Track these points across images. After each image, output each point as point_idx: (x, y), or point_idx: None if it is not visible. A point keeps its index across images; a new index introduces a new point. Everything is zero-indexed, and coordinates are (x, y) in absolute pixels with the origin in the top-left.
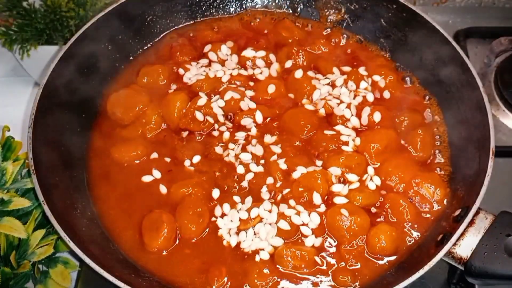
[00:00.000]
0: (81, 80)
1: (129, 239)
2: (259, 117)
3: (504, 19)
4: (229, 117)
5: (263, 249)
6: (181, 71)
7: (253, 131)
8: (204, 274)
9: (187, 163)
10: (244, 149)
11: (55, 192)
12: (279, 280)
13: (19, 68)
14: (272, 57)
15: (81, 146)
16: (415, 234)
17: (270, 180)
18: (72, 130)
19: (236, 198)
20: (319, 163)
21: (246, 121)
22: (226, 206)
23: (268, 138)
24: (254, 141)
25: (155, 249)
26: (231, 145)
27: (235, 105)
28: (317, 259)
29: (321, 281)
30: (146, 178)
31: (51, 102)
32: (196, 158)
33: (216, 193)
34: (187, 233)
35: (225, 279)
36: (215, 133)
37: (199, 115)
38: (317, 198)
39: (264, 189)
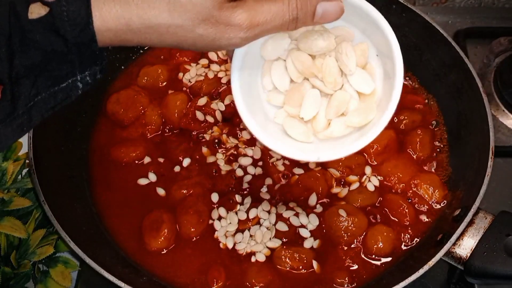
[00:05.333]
0: None
1: (129, 238)
2: None
3: (504, 19)
4: (228, 119)
5: (259, 251)
6: (181, 71)
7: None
8: (204, 275)
9: (185, 164)
10: (243, 151)
11: (55, 192)
12: (277, 280)
13: None
14: None
15: (81, 146)
16: (415, 234)
17: (269, 181)
18: (72, 130)
19: (235, 199)
20: (318, 163)
21: None
22: (224, 208)
23: None
24: (253, 143)
25: (155, 249)
26: (230, 147)
27: (235, 108)
28: (315, 260)
29: (318, 282)
30: (146, 179)
31: None
32: (196, 159)
33: (214, 195)
34: (187, 233)
35: (224, 280)
36: (214, 135)
37: (199, 115)
38: (315, 199)
39: (263, 189)
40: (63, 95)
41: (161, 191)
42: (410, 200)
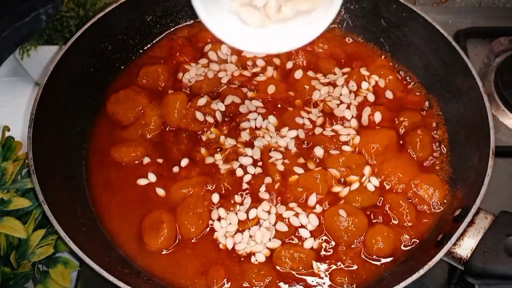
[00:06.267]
0: (81, 80)
1: (129, 239)
2: (259, 119)
3: (504, 19)
4: (228, 119)
5: (259, 252)
6: (180, 71)
7: (252, 133)
8: (204, 276)
9: (185, 164)
10: (242, 151)
11: (55, 192)
12: (277, 281)
13: (19, 68)
14: (272, 57)
15: (81, 146)
16: (415, 234)
17: (268, 180)
18: (72, 130)
19: (234, 200)
20: (318, 163)
21: (245, 124)
22: (223, 209)
23: (266, 140)
24: (253, 143)
25: (155, 249)
26: (229, 147)
27: (235, 109)
28: (315, 260)
29: (318, 282)
30: (145, 180)
31: (51, 102)
32: (195, 160)
33: (214, 195)
34: (187, 234)
35: (224, 280)
36: (213, 135)
37: (199, 115)
38: (315, 199)
39: (262, 188)
40: (28, 29)
41: (160, 192)
42: (410, 200)
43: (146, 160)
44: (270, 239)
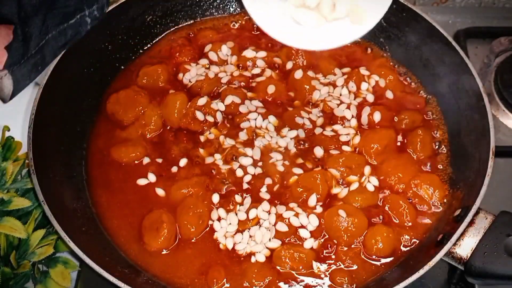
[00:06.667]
0: (81, 80)
1: (129, 239)
2: (259, 119)
3: (504, 19)
4: (228, 119)
5: (259, 252)
6: (180, 71)
7: (252, 134)
8: (204, 276)
9: (184, 164)
10: (242, 151)
11: (55, 192)
12: (277, 281)
13: None
14: (272, 57)
15: (81, 146)
16: (415, 235)
17: (268, 181)
18: (72, 130)
19: (234, 200)
20: (318, 163)
21: (245, 124)
22: (223, 209)
23: (266, 140)
24: (253, 143)
25: (155, 249)
26: (229, 147)
27: (235, 109)
28: (315, 260)
29: (318, 282)
30: (145, 180)
31: (51, 102)
32: (195, 160)
33: (214, 195)
34: (187, 234)
35: (224, 280)
36: (213, 135)
37: (199, 115)
38: (315, 199)
39: (263, 189)
40: (73, 31)
41: (160, 192)
42: (410, 201)
43: (146, 160)
44: (270, 239)
